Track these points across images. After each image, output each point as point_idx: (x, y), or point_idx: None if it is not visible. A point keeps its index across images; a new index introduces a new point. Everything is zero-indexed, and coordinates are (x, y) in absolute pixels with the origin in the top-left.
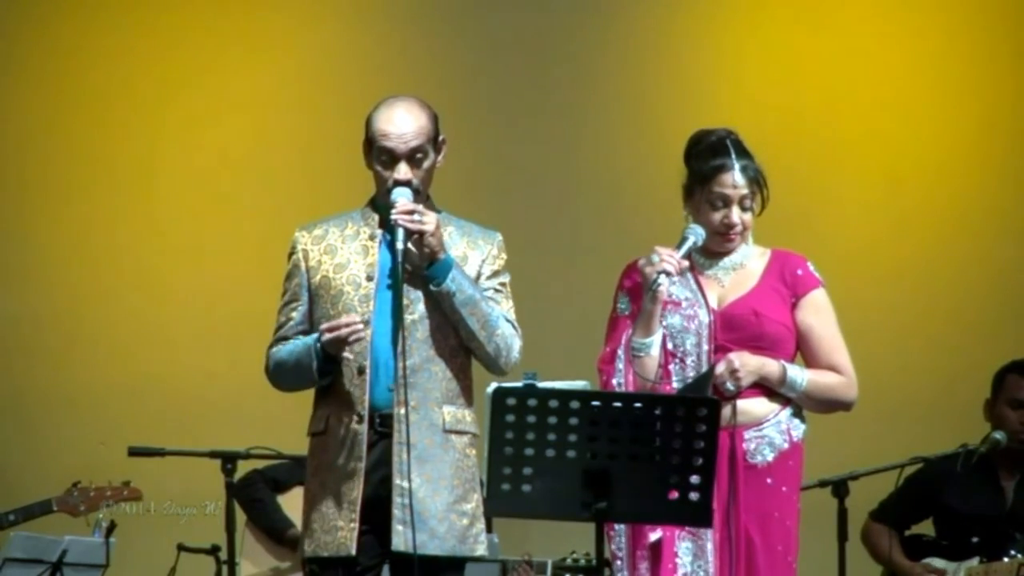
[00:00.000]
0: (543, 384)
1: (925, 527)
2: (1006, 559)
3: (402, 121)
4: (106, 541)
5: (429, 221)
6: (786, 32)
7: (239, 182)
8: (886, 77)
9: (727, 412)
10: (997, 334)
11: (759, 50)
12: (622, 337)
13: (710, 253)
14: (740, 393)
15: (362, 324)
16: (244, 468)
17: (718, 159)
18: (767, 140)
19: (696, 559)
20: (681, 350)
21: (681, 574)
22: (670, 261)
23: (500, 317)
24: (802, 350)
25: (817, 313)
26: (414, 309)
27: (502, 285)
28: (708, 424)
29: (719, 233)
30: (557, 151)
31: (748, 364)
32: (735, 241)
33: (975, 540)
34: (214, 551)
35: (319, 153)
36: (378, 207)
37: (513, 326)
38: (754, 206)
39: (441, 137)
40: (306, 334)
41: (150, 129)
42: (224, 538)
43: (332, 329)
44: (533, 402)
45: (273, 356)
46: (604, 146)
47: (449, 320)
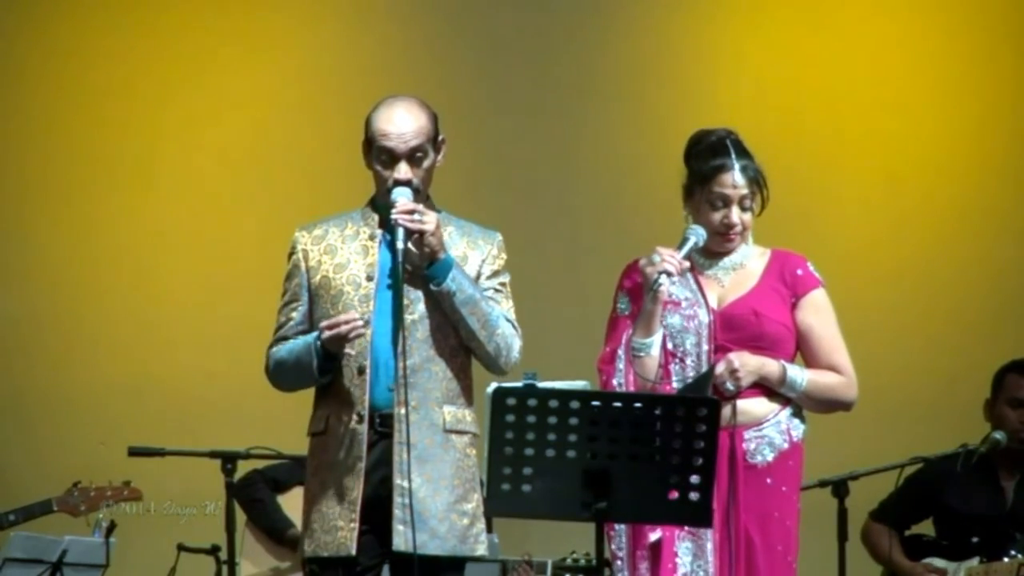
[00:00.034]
0: (543, 384)
1: (925, 527)
2: (1006, 559)
3: (402, 121)
4: (106, 541)
5: (429, 221)
6: (786, 32)
7: (239, 182)
8: (886, 77)
9: (727, 412)
10: (997, 334)
11: (759, 50)
12: (622, 337)
13: (710, 253)
14: (740, 393)
15: (362, 321)
16: (244, 468)
17: (718, 159)
18: (767, 140)
19: (696, 559)
20: (681, 350)
21: (681, 574)
22: (671, 261)
23: (500, 317)
24: (802, 350)
25: (817, 313)
26: (414, 309)
27: (502, 285)
28: (708, 424)
29: (719, 233)
30: (557, 151)
31: (748, 364)
32: (735, 241)
33: (975, 540)
34: (214, 551)
35: (319, 153)
36: (378, 207)
37: (513, 326)
38: (754, 206)
39: (441, 137)
40: (306, 334)
41: (150, 129)
42: (224, 538)
43: (332, 326)
44: (533, 402)
45: (273, 356)
46: (604, 146)
47: (449, 320)
